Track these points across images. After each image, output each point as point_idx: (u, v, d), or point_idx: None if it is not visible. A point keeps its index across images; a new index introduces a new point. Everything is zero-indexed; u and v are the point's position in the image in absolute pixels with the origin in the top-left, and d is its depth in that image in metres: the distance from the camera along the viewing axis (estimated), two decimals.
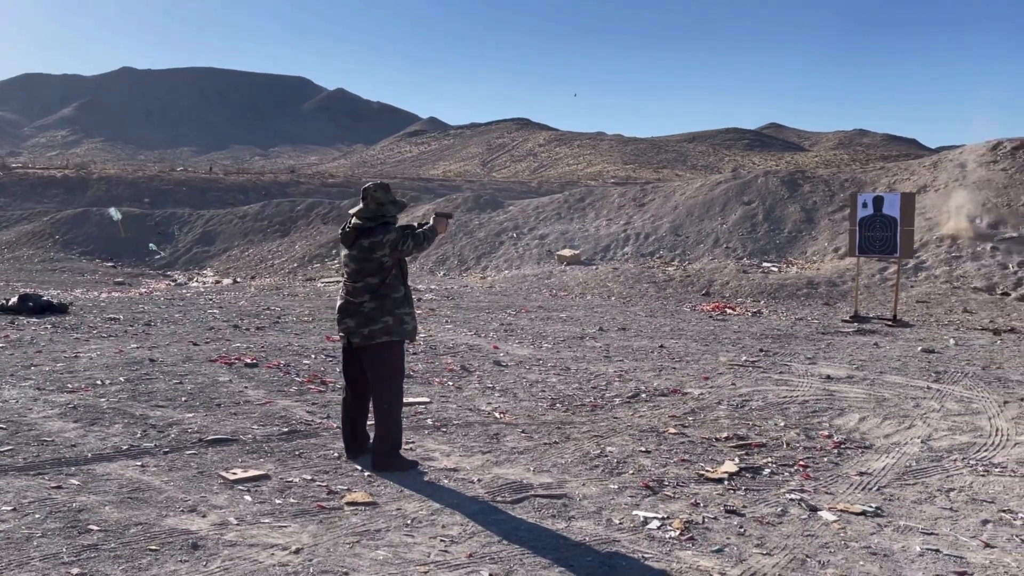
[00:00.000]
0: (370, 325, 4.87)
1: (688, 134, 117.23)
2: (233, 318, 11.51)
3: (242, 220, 27.99)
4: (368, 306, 4.87)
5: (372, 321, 4.86)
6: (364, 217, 4.89)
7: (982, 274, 14.91)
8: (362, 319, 4.88)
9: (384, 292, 4.88)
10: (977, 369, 8.69)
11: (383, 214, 4.91)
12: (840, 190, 19.68)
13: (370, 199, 4.91)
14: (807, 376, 8.22)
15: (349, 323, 4.94)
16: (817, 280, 15.49)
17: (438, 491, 4.70)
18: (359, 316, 4.89)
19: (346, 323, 4.96)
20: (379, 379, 4.96)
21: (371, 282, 4.87)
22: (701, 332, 11.06)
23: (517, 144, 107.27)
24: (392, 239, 4.83)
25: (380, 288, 4.87)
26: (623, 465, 5.28)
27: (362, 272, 4.88)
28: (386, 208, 4.93)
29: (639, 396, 7.28)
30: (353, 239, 4.89)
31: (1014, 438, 6.14)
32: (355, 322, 4.91)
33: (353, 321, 4.92)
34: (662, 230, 19.74)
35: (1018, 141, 18.78)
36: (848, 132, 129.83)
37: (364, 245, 4.83)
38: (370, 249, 4.81)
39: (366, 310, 4.87)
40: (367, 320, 4.87)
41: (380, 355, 4.94)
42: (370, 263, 4.84)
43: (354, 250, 4.88)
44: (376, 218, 4.89)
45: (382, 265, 4.85)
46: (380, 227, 4.87)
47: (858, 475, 5.23)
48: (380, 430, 4.98)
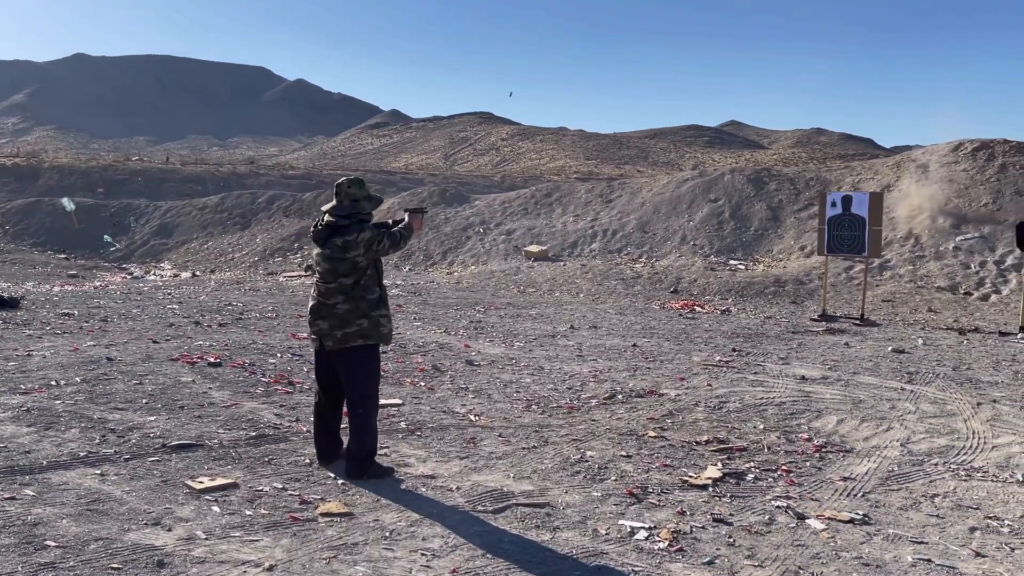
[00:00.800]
0: (344, 328, 4.67)
1: (650, 130, 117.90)
2: (194, 314, 11.16)
3: (201, 212, 27.35)
4: (342, 308, 4.67)
5: (346, 323, 4.67)
6: (338, 215, 4.68)
7: (945, 274, 15.10)
8: (336, 321, 4.68)
9: (358, 293, 4.68)
10: (948, 370, 8.73)
11: (358, 211, 4.71)
12: (805, 189, 19.82)
13: (344, 195, 4.72)
14: (782, 377, 8.18)
15: (322, 325, 4.74)
16: (784, 278, 15.55)
17: (416, 500, 4.51)
18: (332, 318, 4.69)
19: (318, 325, 4.76)
20: (354, 384, 4.78)
21: (344, 283, 4.66)
22: (672, 331, 10.99)
23: (480, 138, 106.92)
24: (367, 238, 4.63)
25: (354, 289, 4.67)
26: (605, 471, 5.14)
27: (335, 272, 4.67)
28: (361, 204, 4.74)
29: (615, 397, 7.16)
30: (326, 237, 4.69)
31: (991, 441, 6.13)
32: (328, 324, 4.71)
33: (326, 323, 4.71)
34: (629, 227, 19.69)
35: (979, 142, 19.08)
36: (806, 131, 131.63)
37: (337, 244, 4.62)
38: (344, 248, 4.61)
39: (340, 312, 4.67)
40: (341, 322, 4.67)
41: (355, 359, 4.74)
42: (344, 263, 4.64)
43: (327, 249, 4.68)
44: (351, 216, 4.69)
45: (356, 265, 4.65)
46: (355, 225, 4.67)
47: (842, 480, 5.16)
48: (355, 437, 4.79)
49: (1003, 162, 18.21)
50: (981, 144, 18.98)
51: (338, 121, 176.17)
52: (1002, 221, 16.31)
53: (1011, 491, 5.00)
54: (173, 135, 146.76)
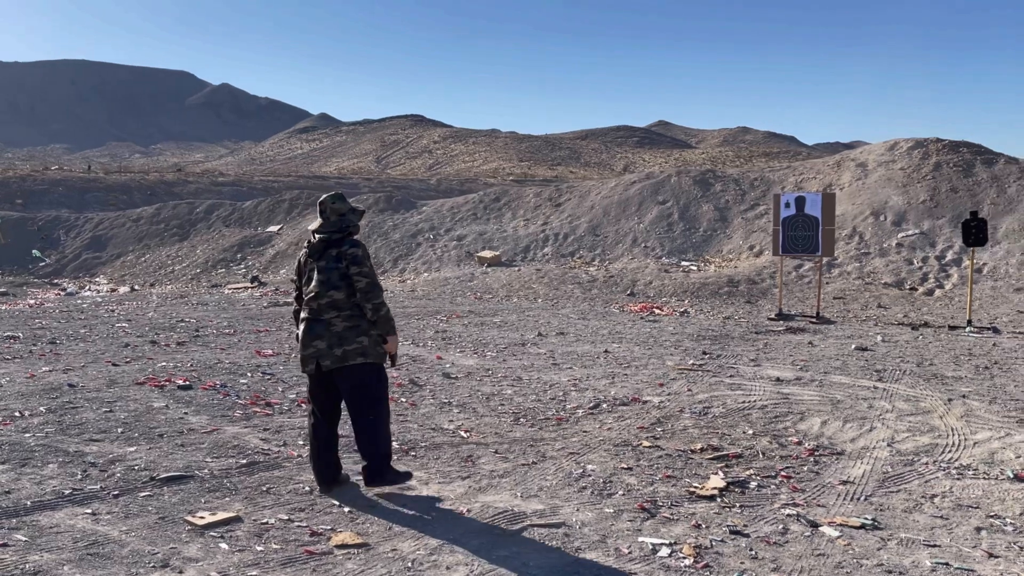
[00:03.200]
0: (343, 345, 4.58)
1: (581, 131, 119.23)
2: (147, 332, 10.74)
3: (136, 223, 26.41)
4: (339, 324, 4.59)
5: (345, 341, 4.58)
6: (327, 231, 4.69)
7: (890, 270, 15.56)
8: (333, 339, 4.58)
9: (353, 310, 4.62)
10: (912, 366, 8.97)
11: (346, 225, 4.72)
12: (750, 189, 20.21)
13: (330, 211, 4.71)
14: (757, 379, 8.27)
15: (319, 345, 4.60)
16: (737, 278, 15.80)
17: (428, 525, 4.38)
18: (329, 336, 4.59)
19: (314, 346, 4.62)
20: (362, 400, 4.68)
21: (336, 296, 4.59)
22: (639, 335, 11.04)
23: (412, 141, 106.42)
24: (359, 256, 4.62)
25: (347, 304, 4.60)
26: (610, 485, 5.09)
27: (328, 283, 4.60)
28: (348, 218, 4.74)
29: (600, 406, 7.13)
30: (322, 250, 4.68)
31: (971, 437, 6.30)
32: (326, 343, 4.59)
33: (323, 342, 4.59)
34: (580, 230, 19.76)
35: (913, 141, 19.75)
36: (732, 129, 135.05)
37: (332, 255, 4.63)
38: (338, 259, 4.61)
39: (338, 329, 4.59)
40: (339, 340, 4.58)
41: (356, 378, 4.65)
42: (335, 272, 4.60)
43: (322, 261, 4.65)
44: (341, 230, 4.70)
45: (347, 277, 4.60)
46: (347, 240, 4.68)
47: (841, 484, 5.21)
48: (367, 442, 4.69)
49: (937, 160, 18.89)
50: (916, 143, 19.65)
51: (265, 126, 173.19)
52: (940, 217, 16.91)
53: (1005, 488, 5.13)
54: (91, 142, 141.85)
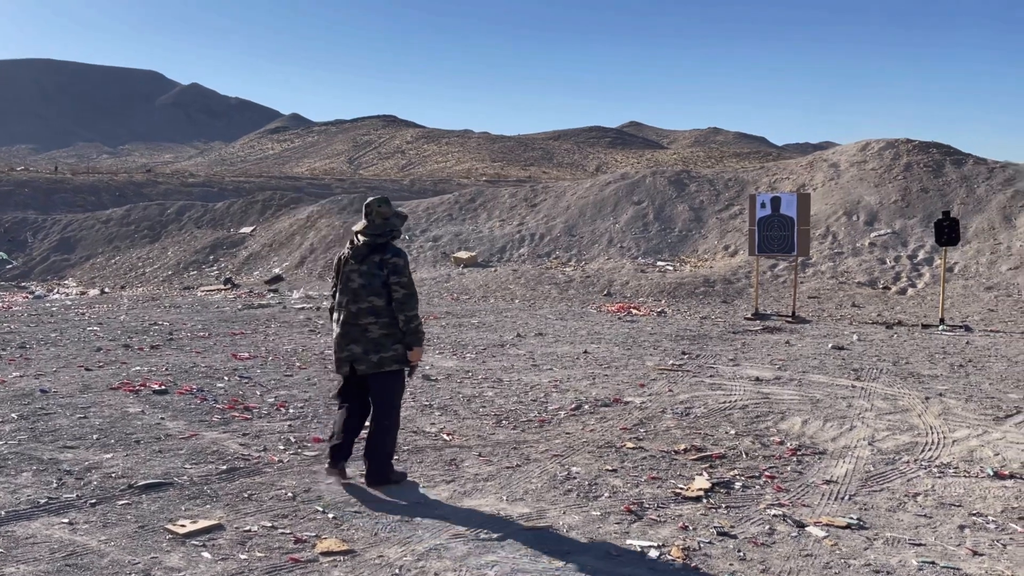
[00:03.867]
0: (380, 352, 4.76)
1: (553, 132, 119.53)
2: (120, 336, 10.55)
3: (105, 225, 26.00)
4: (376, 331, 4.75)
5: (382, 348, 4.75)
6: (373, 234, 4.80)
7: (863, 269, 15.73)
8: (370, 345, 4.75)
9: (389, 317, 4.76)
10: (889, 365, 9.06)
11: (391, 228, 4.84)
12: (725, 189, 20.34)
13: (375, 214, 4.81)
14: (737, 379, 8.30)
15: (354, 349, 4.78)
16: (713, 278, 15.89)
17: (414, 531, 4.33)
18: (366, 342, 4.75)
19: (350, 350, 4.79)
20: (384, 401, 4.88)
21: (376, 303, 4.73)
22: (618, 335, 11.05)
23: (384, 141, 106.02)
24: (400, 265, 4.76)
25: (385, 311, 4.74)
26: (595, 487, 5.07)
27: (368, 289, 4.73)
28: (391, 222, 4.85)
29: (582, 408, 7.11)
30: (365, 254, 4.79)
31: (949, 435, 6.36)
32: (362, 348, 4.76)
33: (359, 347, 4.76)
34: (556, 230, 19.76)
35: (884, 142, 19.99)
36: (703, 130, 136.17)
37: (375, 261, 4.75)
38: (380, 266, 4.74)
39: (374, 335, 4.75)
40: (376, 347, 4.75)
41: (388, 382, 4.87)
42: (377, 279, 4.73)
43: (364, 265, 4.76)
44: (385, 233, 4.82)
45: (386, 284, 4.73)
46: (391, 246, 4.82)
47: (825, 484, 5.23)
48: (378, 442, 4.87)
49: (908, 160, 19.14)
50: (887, 143, 19.90)
51: (236, 126, 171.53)
52: (911, 217, 17.13)
53: (985, 486, 5.18)
54: (58, 143, 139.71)
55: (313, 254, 20.74)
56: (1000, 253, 15.57)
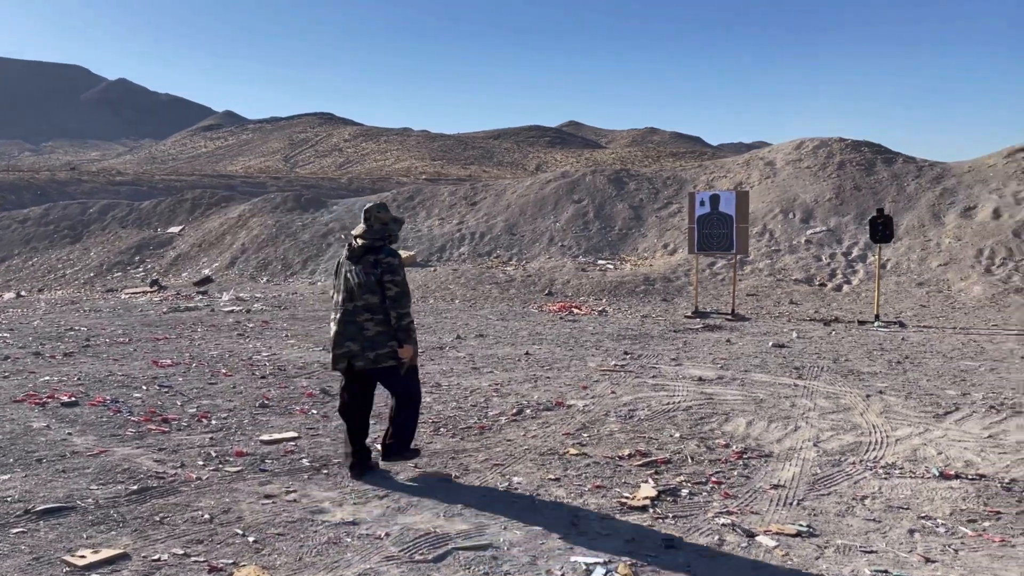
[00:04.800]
0: (376, 349, 4.89)
1: (493, 131, 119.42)
2: (31, 343, 9.90)
3: (23, 225, 24.76)
4: (372, 329, 4.89)
5: (378, 344, 4.89)
6: (371, 237, 4.97)
7: (800, 267, 15.87)
8: (366, 342, 4.89)
9: (385, 315, 4.90)
10: (829, 362, 9.04)
11: (389, 233, 5.02)
12: (663, 188, 20.36)
13: (374, 219, 4.97)
14: (679, 379, 8.16)
15: (351, 346, 4.91)
16: (653, 277, 15.83)
17: (343, 554, 4.00)
18: (362, 339, 4.89)
19: (347, 347, 4.92)
20: (407, 390, 5.07)
21: (371, 300, 4.88)
22: (560, 335, 10.84)
23: (321, 139, 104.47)
24: (394, 265, 4.90)
25: (379, 309, 4.89)
26: (538, 498, 4.81)
27: (363, 287, 4.89)
28: (390, 227, 5.02)
29: (524, 413, 6.86)
30: (361, 255, 4.95)
31: (892, 434, 6.30)
32: (359, 346, 4.90)
33: (356, 344, 4.90)
34: (496, 229, 19.50)
35: (818, 140, 20.27)
36: (640, 130, 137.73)
37: (370, 261, 4.90)
38: (375, 265, 4.89)
39: (370, 333, 4.89)
40: (372, 344, 4.88)
41: (393, 375, 5.01)
42: (371, 278, 4.88)
43: (359, 265, 4.92)
44: (383, 237, 4.99)
45: (380, 283, 4.88)
46: (386, 248, 4.97)
47: (772, 488, 5.08)
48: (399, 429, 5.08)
49: (841, 159, 19.44)
50: (820, 142, 20.19)
51: (167, 123, 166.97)
52: (845, 215, 17.37)
53: (932, 487, 5.09)
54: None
55: (245, 254, 20.06)
56: (930, 250, 15.88)
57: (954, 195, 17.57)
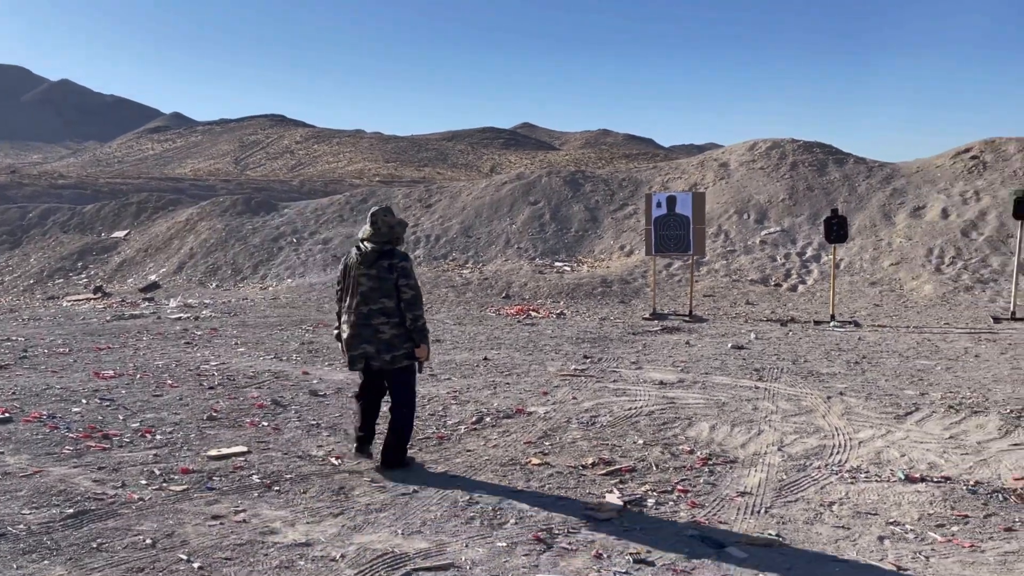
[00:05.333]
0: (392, 351, 5.07)
1: (447, 132, 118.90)
2: None
3: None
4: (388, 331, 5.04)
5: (394, 347, 5.07)
6: (379, 240, 5.10)
7: (756, 267, 15.94)
8: (383, 345, 5.06)
9: (400, 318, 5.06)
10: (789, 364, 9.02)
11: (396, 236, 5.15)
12: (619, 189, 20.33)
13: (381, 223, 5.11)
14: (640, 383, 8.05)
15: (367, 348, 5.08)
16: (610, 278, 15.76)
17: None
18: (378, 342, 5.06)
19: (363, 348, 5.09)
20: (401, 392, 5.25)
21: (387, 304, 5.03)
22: (518, 339, 10.67)
23: (272, 141, 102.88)
24: (408, 269, 5.08)
25: (394, 312, 5.04)
26: (501, 513, 4.63)
27: (380, 291, 5.03)
28: (396, 230, 5.15)
29: (484, 421, 6.67)
30: (374, 260, 5.07)
31: (854, 436, 6.26)
32: (374, 348, 5.07)
33: (372, 346, 5.07)
34: (452, 231, 19.27)
35: (771, 141, 20.45)
36: (593, 132, 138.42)
37: (384, 265, 5.04)
38: (389, 270, 5.03)
39: (386, 336, 5.05)
40: (388, 346, 5.06)
41: (403, 376, 5.23)
42: (387, 282, 5.02)
43: (373, 269, 5.05)
44: (391, 240, 5.13)
45: (396, 287, 5.03)
46: (398, 252, 5.12)
47: (739, 496, 4.98)
48: (397, 431, 5.25)
49: (793, 160, 19.63)
50: (773, 143, 20.36)
51: (112, 125, 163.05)
52: (799, 215, 17.52)
53: (899, 491, 5.04)
54: None
55: (193, 259, 19.52)
56: (882, 249, 16.09)
57: (904, 195, 17.85)
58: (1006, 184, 17.33)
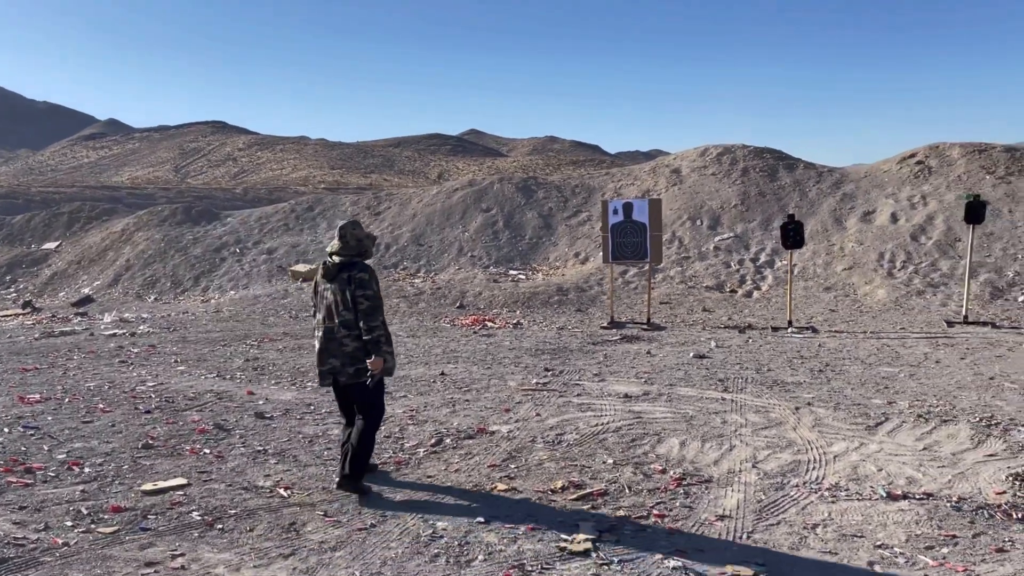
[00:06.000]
0: (356, 364, 5.01)
1: (393, 139, 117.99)
2: None
3: None
4: (350, 344, 4.99)
5: (357, 360, 5.00)
6: (346, 254, 5.05)
7: (710, 273, 15.85)
8: (346, 358, 5.01)
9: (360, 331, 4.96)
10: (752, 373, 8.83)
11: (363, 250, 5.10)
12: (572, 196, 20.12)
13: (350, 236, 5.06)
14: (605, 396, 7.76)
15: (333, 363, 5.06)
16: (566, 286, 15.50)
17: None
18: (342, 355, 5.01)
19: (331, 363, 5.07)
20: (366, 408, 5.09)
21: (347, 317, 4.96)
22: (475, 352, 10.31)
23: (214, 148, 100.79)
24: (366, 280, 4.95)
25: (355, 324, 4.96)
26: (467, 548, 4.28)
27: (340, 304, 4.98)
28: (364, 243, 5.11)
29: (443, 443, 6.30)
30: (335, 274, 5.03)
31: (828, 450, 6.06)
32: (340, 361, 5.03)
33: (337, 360, 5.04)
34: (403, 239, 18.81)
35: (722, 147, 20.46)
36: (541, 138, 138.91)
37: (344, 278, 4.98)
38: (348, 282, 4.96)
39: (349, 349, 4.99)
40: (352, 359, 5.00)
41: (367, 393, 5.08)
42: (347, 294, 4.95)
43: (335, 283, 5.01)
44: (360, 254, 5.08)
45: (356, 300, 4.94)
46: (359, 264, 5.01)
47: (718, 520, 4.70)
48: (357, 445, 5.04)
49: (744, 166, 19.66)
50: (724, 149, 20.38)
51: (46, 132, 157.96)
52: (751, 221, 17.51)
53: (882, 510, 4.82)
54: None
55: (130, 271, 18.70)
56: (834, 254, 16.14)
57: (854, 200, 17.98)
58: (951, 189, 17.59)
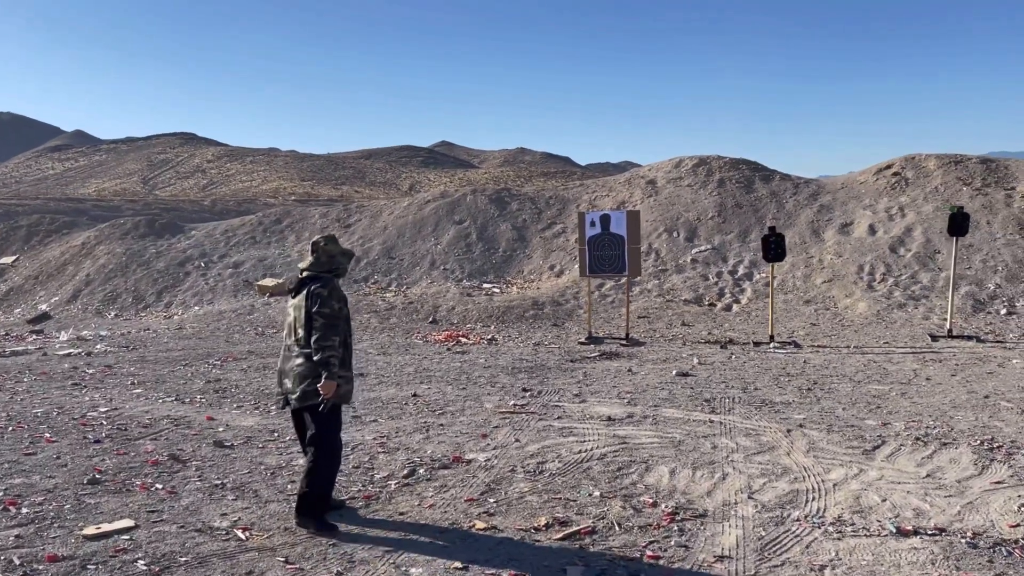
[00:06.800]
0: (302, 384, 4.67)
1: (364, 151, 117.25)
2: None
3: None
4: (302, 364, 4.67)
5: (304, 380, 4.66)
6: (316, 270, 4.80)
7: (688, 286, 15.56)
8: (296, 379, 4.70)
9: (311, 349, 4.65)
10: (739, 392, 8.50)
11: (336, 266, 4.85)
12: (546, 207, 19.78)
13: (321, 252, 4.83)
14: (587, 419, 7.37)
15: (286, 384, 4.79)
16: (542, 300, 15.12)
17: None
18: (292, 376, 4.72)
19: (284, 384, 4.82)
20: (317, 438, 4.70)
21: (300, 334, 4.70)
22: (449, 371, 9.87)
23: (183, 160, 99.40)
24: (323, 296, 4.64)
25: (307, 343, 4.65)
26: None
27: (297, 321, 4.72)
28: (337, 260, 4.86)
29: (417, 473, 5.86)
30: (298, 288, 4.81)
31: (826, 477, 5.72)
32: (291, 383, 4.75)
33: (289, 382, 4.76)
34: (374, 252, 18.32)
35: (697, 158, 20.25)
36: (511, 150, 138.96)
37: (304, 293, 4.74)
38: (307, 297, 4.70)
39: (299, 369, 4.68)
40: (300, 379, 4.68)
41: (316, 415, 4.67)
42: (304, 311, 4.69)
43: (296, 299, 4.79)
44: (331, 270, 4.82)
45: (311, 317, 4.65)
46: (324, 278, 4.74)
47: (718, 561, 4.32)
48: (305, 477, 4.70)
49: (720, 177, 19.45)
50: (699, 160, 20.17)
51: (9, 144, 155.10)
52: (728, 233, 17.27)
53: (893, 548, 4.46)
54: None
55: (90, 286, 18.01)
56: (813, 267, 15.94)
57: (831, 211, 17.82)
58: (928, 200, 17.50)
